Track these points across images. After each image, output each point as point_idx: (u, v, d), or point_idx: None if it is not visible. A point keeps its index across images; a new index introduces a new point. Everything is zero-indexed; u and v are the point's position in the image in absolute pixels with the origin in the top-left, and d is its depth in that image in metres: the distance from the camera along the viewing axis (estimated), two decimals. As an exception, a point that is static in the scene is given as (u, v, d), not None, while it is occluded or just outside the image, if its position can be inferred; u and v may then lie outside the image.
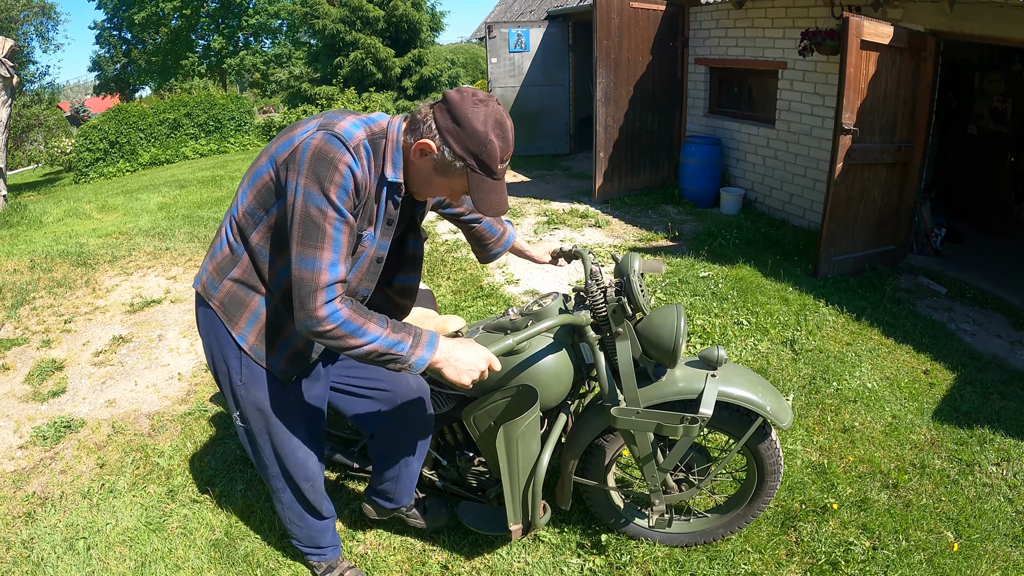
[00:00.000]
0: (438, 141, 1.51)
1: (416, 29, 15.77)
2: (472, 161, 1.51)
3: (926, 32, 4.82)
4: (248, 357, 1.74)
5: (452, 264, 5.16)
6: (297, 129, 1.56)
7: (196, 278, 1.79)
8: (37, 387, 3.62)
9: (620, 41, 6.79)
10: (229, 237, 1.68)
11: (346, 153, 1.48)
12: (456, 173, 1.54)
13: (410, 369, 1.57)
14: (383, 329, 1.54)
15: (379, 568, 2.29)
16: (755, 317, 4.13)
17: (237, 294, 1.69)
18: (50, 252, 5.89)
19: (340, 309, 1.50)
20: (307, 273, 1.48)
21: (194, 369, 3.77)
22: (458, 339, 1.65)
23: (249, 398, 1.78)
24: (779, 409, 2.00)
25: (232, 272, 1.68)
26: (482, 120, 1.49)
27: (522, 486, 1.95)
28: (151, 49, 27.83)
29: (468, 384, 1.61)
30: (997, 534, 2.42)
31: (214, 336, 1.76)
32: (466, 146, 1.50)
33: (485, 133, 1.49)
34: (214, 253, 1.73)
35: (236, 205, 1.66)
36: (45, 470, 2.92)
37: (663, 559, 2.27)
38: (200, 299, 1.78)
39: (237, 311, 1.70)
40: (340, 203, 1.48)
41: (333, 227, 1.48)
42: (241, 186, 1.66)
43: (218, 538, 2.45)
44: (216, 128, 14.87)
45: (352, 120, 1.55)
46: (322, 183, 1.46)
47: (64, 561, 2.36)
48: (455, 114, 1.49)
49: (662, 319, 1.87)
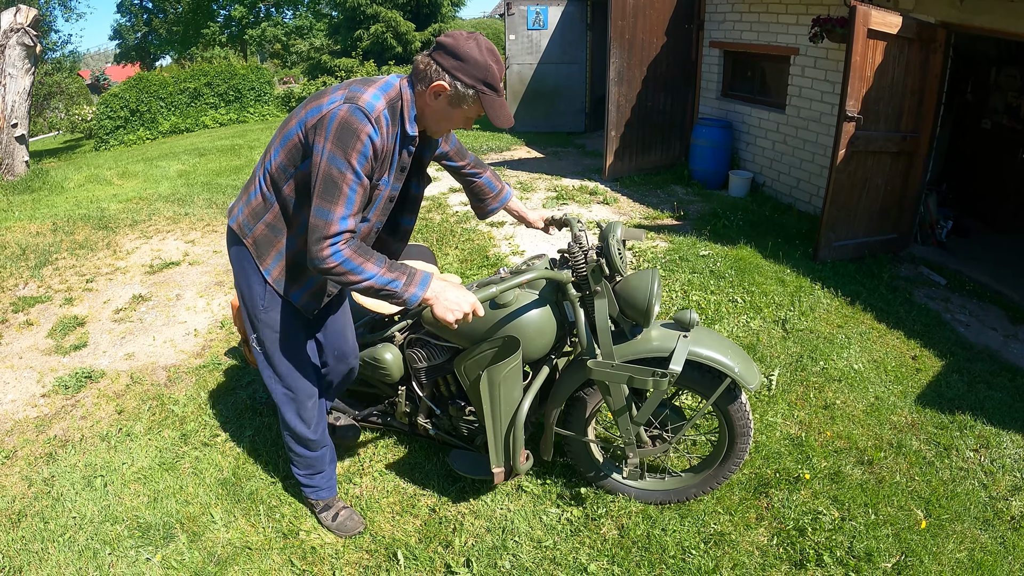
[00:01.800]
0: (448, 79, 1.76)
1: (437, 3, 15.80)
2: (482, 86, 1.77)
3: (937, 24, 4.82)
4: (271, 288, 2.03)
5: (461, 235, 5.30)
6: (324, 98, 1.79)
7: (231, 217, 2.05)
8: (60, 341, 3.82)
9: (635, 22, 6.81)
10: (263, 187, 1.95)
11: (368, 124, 1.72)
12: (469, 101, 1.79)
13: (405, 303, 1.82)
14: (380, 268, 1.78)
15: (372, 509, 2.47)
16: (750, 296, 4.23)
17: (268, 235, 1.97)
18: (72, 216, 6.08)
19: (343, 250, 1.75)
20: (321, 222, 1.73)
21: (210, 326, 3.95)
22: (448, 283, 1.86)
23: (268, 321, 2.07)
24: (747, 371, 2.14)
25: (265, 216, 1.96)
26: (479, 51, 1.75)
27: (504, 430, 2.13)
28: (172, 18, 27.90)
29: (451, 321, 1.82)
30: (967, 516, 2.47)
31: (245, 268, 2.04)
32: (473, 75, 1.75)
33: (485, 60, 1.75)
34: (249, 199, 1.99)
35: (270, 160, 1.92)
36: (66, 416, 3.12)
37: (636, 514, 2.41)
38: (235, 237, 2.04)
39: (267, 250, 1.99)
40: (359, 167, 1.73)
41: (350, 187, 1.74)
42: (273, 143, 1.92)
43: (226, 477, 2.64)
44: (236, 98, 15.00)
45: (373, 91, 1.78)
46: (345, 149, 1.71)
47: (82, 496, 2.56)
48: (455, 53, 1.74)
49: (638, 281, 2.05)
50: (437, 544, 2.32)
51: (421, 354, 2.39)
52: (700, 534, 2.34)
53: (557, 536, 2.34)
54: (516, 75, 10.35)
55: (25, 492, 2.60)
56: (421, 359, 2.39)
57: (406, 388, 2.53)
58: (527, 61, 10.21)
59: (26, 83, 8.36)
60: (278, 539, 2.35)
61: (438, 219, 5.75)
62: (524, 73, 10.27)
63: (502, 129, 9.24)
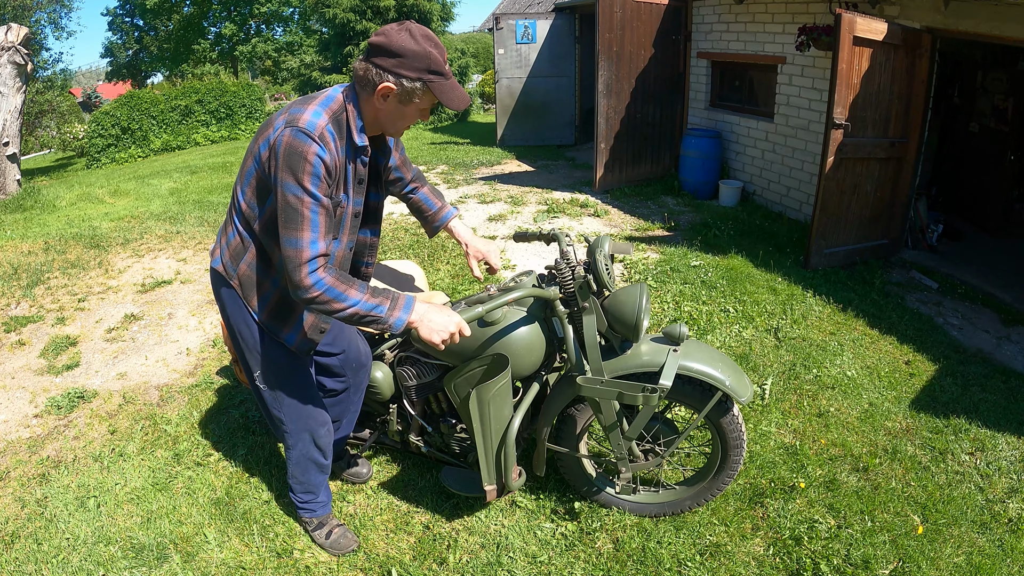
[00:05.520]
0: (393, 79, 1.70)
1: (427, 19, 15.86)
2: (428, 75, 1.71)
3: (922, 29, 4.88)
4: (266, 327, 1.99)
5: (452, 250, 5.30)
6: (270, 128, 1.76)
7: (215, 259, 2.01)
8: (52, 361, 3.79)
9: (622, 34, 6.87)
10: (238, 227, 1.91)
11: (312, 143, 1.67)
12: (419, 93, 1.74)
13: (390, 329, 1.78)
14: (363, 294, 1.75)
15: (366, 526, 2.45)
16: (742, 305, 4.24)
17: (251, 276, 1.94)
18: (64, 235, 6.07)
19: (324, 278, 1.72)
20: (292, 251, 1.71)
21: (202, 345, 3.94)
22: (433, 304, 1.84)
23: (270, 356, 2.04)
24: (738, 383, 2.13)
25: (245, 257, 1.92)
26: (413, 42, 1.69)
27: (495, 448, 2.12)
28: (163, 36, 28.06)
29: (438, 343, 1.80)
30: (964, 520, 2.47)
31: (236, 309, 2.00)
32: (415, 67, 1.69)
33: (423, 48, 1.69)
34: (229, 240, 1.95)
35: (238, 200, 1.88)
36: (59, 436, 3.09)
37: (631, 527, 2.40)
38: (220, 278, 2.00)
39: (251, 291, 1.96)
40: (315, 189, 1.69)
41: (310, 210, 1.70)
42: (238, 183, 1.88)
43: (219, 497, 2.62)
44: (227, 115, 15.04)
45: (313, 109, 1.73)
46: (296, 174, 1.67)
47: (76, 517, 2.53)
48: (391, 50, 1.68)
49: (626, 296, 2.05)
50: (431, 561, 2.31)
51: (411, 372, 2.38)
52: (696, 546, 2.33)
53: (552, 551, 2.33)
54: (506, 89, 10.41)
55: (18, 513, 2.58)
56: (411, 377, 2.38)
57: (397, 406, 2.52)
58: (516, 75, 10.28)
59: (17, 101, 8.37)
60: (272, 559, 2.33)
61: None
62: (514, 87, 10.34)
63: (459, 109, 8.88)
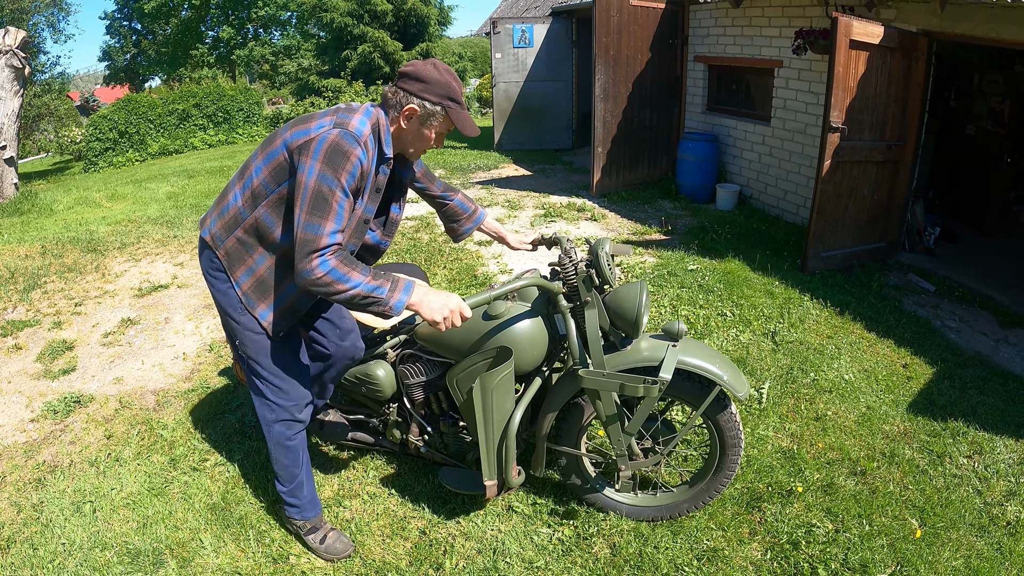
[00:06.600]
0: (417, 101, 1.95)
1: (424, 23, 15.87)
2: (448, 102, 1.96)
3: (918, 32, 4.89)
4: (245, 296, 2.09)
5: (449, 254, 5.30)
6: (312, 122, 1.91)
7: (204, 228, 2.13)
8: (48, 365, 3.78)
9: (619, 38, 6.88)
10: (238, 201, 2.02)
11: (358, 147, 1.86)
12: (439, 117, 1.98)
13: (391, 311, 1.87)
14: (365, 276, 1.85)
15: (362, 532, 2.44)
16: (739, 309, 4.24)
17: (239, 249, 2.05)
18: (61, 239, 6.06)
19: (329, 260, 1.82)
20: (311, 236, 1.81)
21: (198, 349, 3.93)
22: (432, 288, 1.92)
23: (248, 325, 2.12)
24: (735, 380, 2.16)
25: (236, 231, 2.03)
26: (438, 73, 1.95)
27: (496, 440, 2.14)
28: (161, 40, 28.06)
29: (440, 322, 1.88)
30: (963, 523, 2.47)
31: (218, 275, 2.11)
32: (438, 93, 1.95)
33: (445, 79, 1.95)
34: (223, 212, 2.07)
35: (251, 176, 2.00)
36: (55, 441, 3.08)
37: (628, 532, 2.40)
38: (207, 246, 2.11)
39: (237, 263, 2.07)
40: (348, 186, 1.85)
41: (339, 204, 1.84)
42: (254, 161, 2.00)
43: (215, 502, 2.61)
44: (225, 119, 15.01)
45: (359, 118, 1.92)
46: (336, 169, 1.83)
47: (71, 522, 2.53)
48: (418, 77, 1.94)
49: (627, 292, 2.10)
50: (428, 567, 2.30)
51: (414, 370, 2.41)
52: (693, 551, 2.33)
53: (548, 556, 2.33)
54: (503, 93, 10.41)
55: (14, 518, 2.57)
56: (414, 375, 2.41)
57: (397, 405, 2.53)
58: (513, 79, 10.28)
59: (15, 105, 8.37)
60: (268, 564, 2.32)
61: (426, 239, 5.75)
62: (511, 91, 10.35)
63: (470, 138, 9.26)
